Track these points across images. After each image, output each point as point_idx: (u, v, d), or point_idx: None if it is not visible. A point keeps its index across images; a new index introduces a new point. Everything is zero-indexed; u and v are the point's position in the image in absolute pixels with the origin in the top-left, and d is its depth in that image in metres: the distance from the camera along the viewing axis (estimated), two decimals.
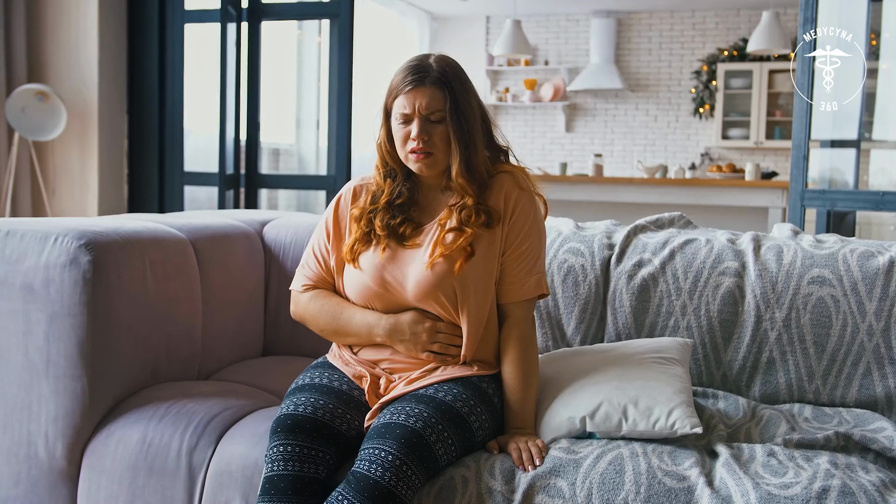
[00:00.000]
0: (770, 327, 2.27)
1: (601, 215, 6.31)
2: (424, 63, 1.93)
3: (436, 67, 1.92)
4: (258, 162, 5.14)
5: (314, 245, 2.12)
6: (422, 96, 1.90)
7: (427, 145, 1.91)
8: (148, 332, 2.26)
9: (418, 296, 1.96)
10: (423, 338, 1.97)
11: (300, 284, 2.13)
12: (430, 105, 1.90)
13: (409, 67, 1.93)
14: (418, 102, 1.90)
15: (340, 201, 2.11)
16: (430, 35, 10.34)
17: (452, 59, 1.98)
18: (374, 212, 2.01)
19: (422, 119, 1.91)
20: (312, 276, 2.12)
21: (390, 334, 1.98)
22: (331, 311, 2.06)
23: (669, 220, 2.63)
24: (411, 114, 1.91)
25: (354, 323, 2.03)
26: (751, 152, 9.69)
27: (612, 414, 1.87)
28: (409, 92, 1.90)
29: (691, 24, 9.77)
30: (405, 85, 1.91)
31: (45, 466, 2.12)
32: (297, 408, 1.84)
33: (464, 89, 1.93)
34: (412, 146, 1.92)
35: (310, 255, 2.13)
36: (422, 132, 1.91)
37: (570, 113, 10.27)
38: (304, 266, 2.14)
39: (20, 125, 4.70)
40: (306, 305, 2.11)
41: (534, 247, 2.00)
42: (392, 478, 1.67)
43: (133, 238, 2.25)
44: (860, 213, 4.72)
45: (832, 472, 1.71)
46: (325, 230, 2.11)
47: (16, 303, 2.12)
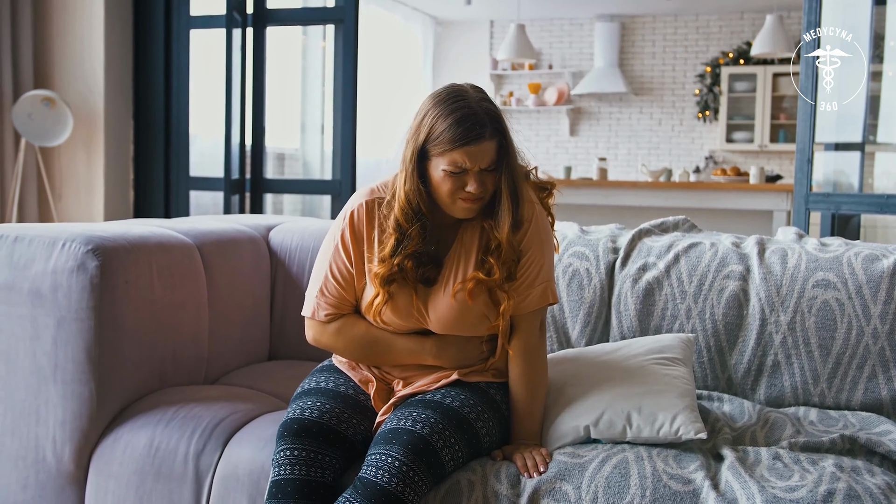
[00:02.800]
0: (775, 330, 2.27)
1: (605, 219, 6.32)
2: (476, 112, 1.80)
3: (486, 117, 1.80)
4: (263, 167, 5.15)
5: (332, 267, 1.97)
6: (482, 153, 1.80)
7: (481, 193, 1.85)
8: (155, 336, 2.27)
9: (441, 329, 1.95)
10: (474, 353, 1.97)
11: (322, 314, 1.99)
12: (491, 160, 1.82)
13: (461, 118, 1.78)
14: (480, 158, 1.80)
15: (354, 217, 1.96)
16: (434, 40, 10.36)
17: (486, 94, 1.88)
18: (405, 257, 1.89)
19: (480, 171, 1.82)
20: (334, 301, 1.98)
21: (438, 357, 1.96)
22: (364, 342, 1.98)
23: (674, 224, 2.63)
24: (471, 167, 1.81)
25: (395, 352, 1.97)
26: (755, 155, 9.69)
27: (616, 421, 1.88)
28: (466, 148, 1.79)
29: (695, 28, 9.78)
30: (461, 140, 1.78)
31: (53, 471, 2.13)
32: (303, 412, 1.84)
33: (508, 134, 1.86)
34: (467, 195, 1.84)
35: (328, 279, 1.97)
36: (479, 185, 1.83)
37: (575, 117, 10.28)
38: (323, 293, 1.98)
39: (27, 131, 4.72)
40: (333, 337, 2.00)
41: (535, 258, 1.93)
42: (399, 483, 1.68)
43: (140, 243, 2.26)
44: (865, 216, 4.72)
45: (838, 476, 1.71)
46: (342, 251, 1.96)
47: (24, 308, 2.13)
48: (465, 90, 1.85)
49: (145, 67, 5.07)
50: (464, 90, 1.85)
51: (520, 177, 1.89)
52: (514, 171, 1.87)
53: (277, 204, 7.32)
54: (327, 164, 7.39)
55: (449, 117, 1.79)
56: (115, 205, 5.05)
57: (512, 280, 1.90)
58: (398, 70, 9.51)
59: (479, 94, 1.86)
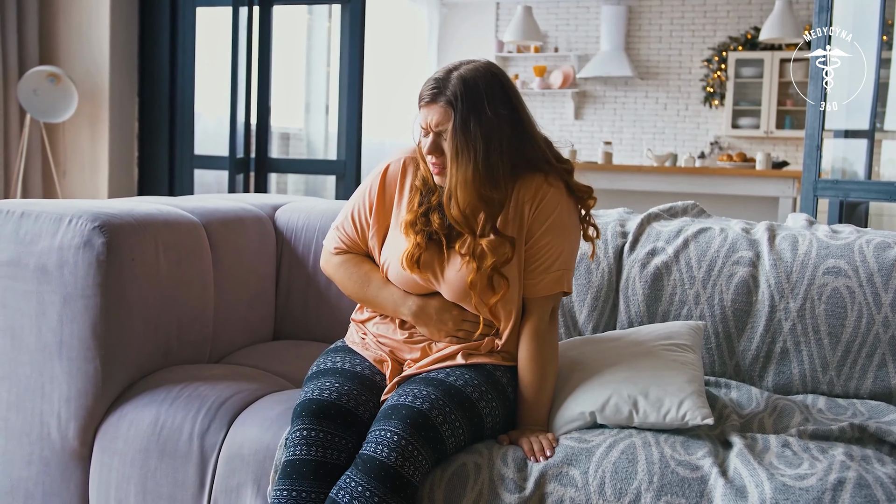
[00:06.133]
0: (784, 317, 2.26)
1: (610, 203, 6.28)
2: (442, 78, 1.87)
3: (448, 84, 1.85)
4: (268, 146, 5.13)
5: (354, 210, 2.07)
6: (431, 114, 1.86)
7: (440, 161, 1.88)
8: (160, 314, 2.26)
9: (448, 293, 1.95)
10: (449, 325, 1.97)
11: (332, 246, 2.12)
12: (438, 122, 1.85)
13: (428, 80, 1.88)
14: (431, 119, 1.86)
15: (388, 171, 2.04)
16: (439, 21, 10.30)
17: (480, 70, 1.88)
18: (430, 208, 1.95)
19: (434, 134, 1.87)
20: (346, 240, 2.09)
21: (416, 315, 1.98)
22: (358, 281, 2.06)
23: (683, 209, 2.61)
24: (426, 128, 1.89)
25: (381, 297, 2.03)
26: (760, 141, 9.65)
27: (623, 406, 1.86)
28: (421, 106, 1.88)
29: (703, 12, 9.71)
30: (420, 98, 1.89)
31: (58, 447, 2.13)
32: (321, 392, 1.84)
33: (477, 108, 1.84)
34: (427, 160, 1.91)
35: (348, 219, 2.09)
36: (432, 148, 1.88)
37: (580, 100, 10.24)
38: (340, 228, 2.10)
39: (32, 107, 4.70)
40: (336, 269, 2.11)
41: (554, 243, 1.93)
42: (398, 458, 1.67)
43: (146, 221, 2.24)
44: (872, 204, 4.70)
45: (848, 464, 1.70)
46: (367, 200, 2.05)
47: (30, 284, 2.12)
48: (462, 62, 1.90)
49: (151, 45, 5.05)
50: (461, 62, 1.90)
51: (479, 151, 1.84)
52: (470, 142, 1.83)
53: (281, 184, 7.30)
54: (331, 144, 7.38)
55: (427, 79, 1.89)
56: (119, 182, 5.04)
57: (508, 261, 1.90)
58: (403, 51, 9.46)
59: (472, 68, 1.87)
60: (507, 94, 1.89)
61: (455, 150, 1.84)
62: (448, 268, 1.94)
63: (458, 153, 1.84)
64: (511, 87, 1.91)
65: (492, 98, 1.85)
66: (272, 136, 5.80)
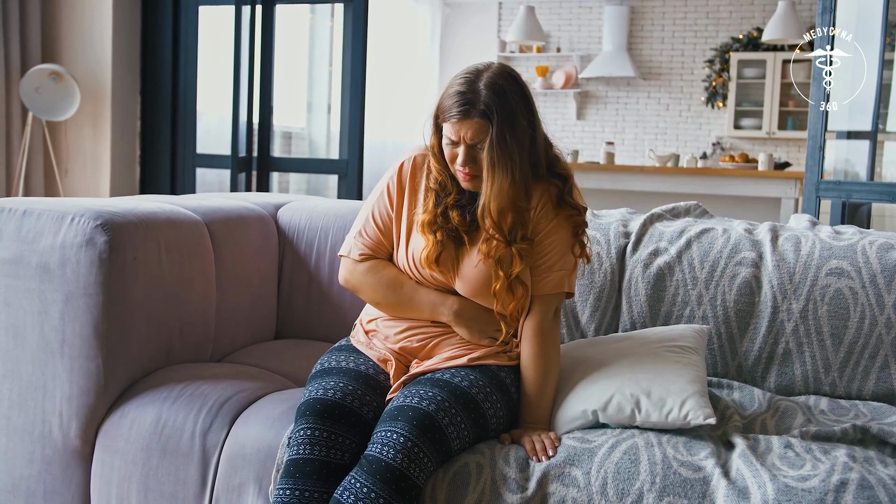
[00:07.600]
0: (787, 318, 2.26)
1: (612, 203, 6.30)
2: (471, 90, 1.85)
3: (480, 97, 1.84)
4: (270, 145, 5.13)
5: (374, 211, 2.06)
6: (466, 129, 1.84)
7: (473, 170, 1.88)
8: (162, 313, 2.26)
9: (463, 288, 1.97)
10: (490, 327, 1.98)
11: (357, 253, 2.07)
12: (474, 136, 1.85)
13: (455, 93, 1.86)
14: (465, 133, 1.85)
15: (403, 168, 2.05)
16: (442, 21, 10.29)
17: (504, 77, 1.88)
18: (448, 207, 1.95)
19: (467, 147, 1.87)
20: (370, 244, 2.06)
21: (458, 315, 1.99)
22: (390, 284, 2.03)
23: (686, 209, 2.61)
24: (458, 141, 1.87)
25: (417, 299, 2.01)
26: (762, 142, 9.65)
27: (625, 405, 1.86)
28: (452, 122, 1.86)
29: (705, 13, 9.70)
30: (448, 113, 1.86)
31: (59, 446, 2.13)
32: (326, 392, 1.83)
33: (511, 120, 1.85)
34: (458, 169, 1.90)
35: (369, 221, 2.06)
36: (467, 160, 1.87)
37: (582, 100, 10.23)
38: (361, 234, 2.07)
39: (34, 105, 4.70)
40: (363, 276, 2.06)
41: (558, 244, 1.96)
42: (404, 459, 1.67)
43: (149, 219, 2.24)
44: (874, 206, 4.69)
45: (850, 466, 1.70)
46: (387, 197, 2.05)
47: (32, 282, 2.12)
48: (481, 69, 1.89)
49: (153, 43, 5.05)
50: (479, 69, 1.89)
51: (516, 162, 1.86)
52: (507, 153, 1.84)
53: (283, 183, 7.30)
54: (333, 143, 7.37)
55: (451, 90, 1.88)
56: (121, 180, 5.04)
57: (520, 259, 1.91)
58: (405, 50, 9.46)
59: (494, 74, 1.87)
60: (528, 100, 1.91)
61: (492, 161, 1.85)
62: (464, 264, 1.95)
63: (494, 164, 1.85)
64: (529, 92, 1.93)
65: (520, 106, 1.87)
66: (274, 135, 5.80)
